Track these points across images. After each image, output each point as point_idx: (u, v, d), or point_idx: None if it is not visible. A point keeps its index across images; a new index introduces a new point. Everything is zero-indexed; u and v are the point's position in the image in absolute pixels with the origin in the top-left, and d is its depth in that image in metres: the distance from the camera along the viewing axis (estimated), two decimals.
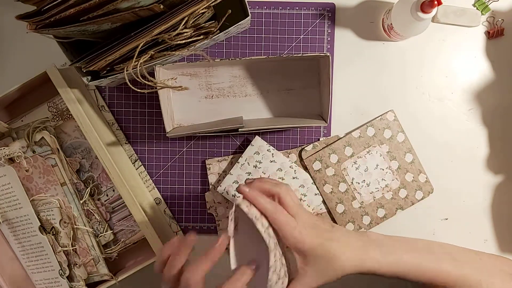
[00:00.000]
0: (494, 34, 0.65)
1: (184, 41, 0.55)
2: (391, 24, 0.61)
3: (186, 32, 0.54)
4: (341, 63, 0.67)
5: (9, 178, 0.61)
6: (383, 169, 0.66)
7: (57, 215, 0.61)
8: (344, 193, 0.66)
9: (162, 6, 0.52)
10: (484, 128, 0.67)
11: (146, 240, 0.60)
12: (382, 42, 0.67)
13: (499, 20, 0.65)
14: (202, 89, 0.66)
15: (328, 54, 0.58)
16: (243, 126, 0.60)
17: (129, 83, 0.54)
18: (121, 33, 0.53)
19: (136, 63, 0.53)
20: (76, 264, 0.61)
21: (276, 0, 0.66)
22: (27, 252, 0.62)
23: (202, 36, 0.57)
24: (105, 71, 0.57)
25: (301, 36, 0.66)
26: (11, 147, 0.62)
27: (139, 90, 0.56)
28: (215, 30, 0.58)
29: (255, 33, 0.66)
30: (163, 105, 0.60)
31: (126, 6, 0.48)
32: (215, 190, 0.67)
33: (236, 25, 0.57)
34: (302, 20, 0.66)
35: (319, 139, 0.67)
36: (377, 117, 0.67)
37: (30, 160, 0.61)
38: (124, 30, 0.53)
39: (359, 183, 0.66)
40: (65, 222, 0.61)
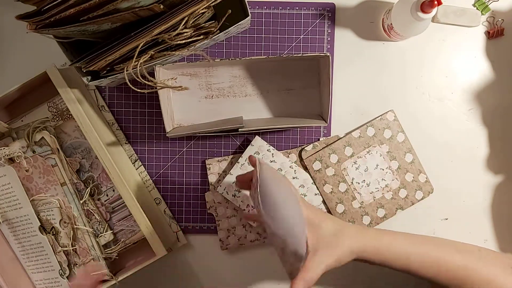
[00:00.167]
0: (494, 34, 0.65)
1: (184, 41, 0.55)
2: (391, 24, 0.61)
3: (186, 32, 0.54)
4: (341, 63, 0.67)
5: (9, 178, 0.61)
6: (383, 169, 0.66)
7: (57, 215, 0.61)
8: (344, 193, 0.66)
9: (162, 6, 0.52)
10: (484, 128, 0.67)
11: (146, 240, 0.60)
12: (382, 42, 0.67)
13: (499, 20, 0.65)
14: (202, 89, 0.66)
15: (328, 54, 0.58)
16: (243, 126, 0.60)
17: (129, 83, 0.54)
18: (121, 33, 0.53)
19: (136, 63, 0.53)
20: (76, 264, 0.61)
21: (276, 0, 0.66)
22: (27, 252, 0.62)
23: (202, 36, 0.57)
24: (105, 71, 0.57)
25: (301, 36, 0.66)
26: (11, 147, 0.62)
27: (139, 90, 0.56)
28: (215, 30, 0.58)
29: (255, 33, 0.66)
30: (163, 105, 0.60)
31: (126, 6, 0.48)
32: (215, 190, 0.67)
33: (236, 25, 0.57)
34: (302, 20, 0.66)
35: (319, 139, 0.67)
36: (377, 117, 0.67)
37: (30, 160, 0.61)
38: (124, 30, 0.53)
39: (359, 183, 0.66)
40: (65, 222, 0.61)
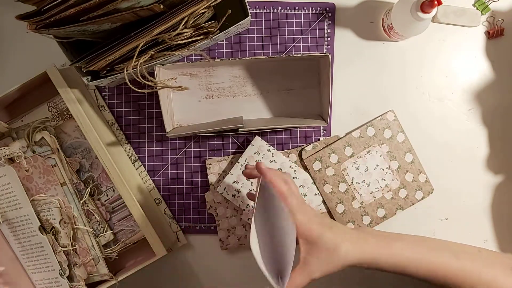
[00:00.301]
0: (494, 34, 0.65)
1: (184, 41, 0.55)
2: (391, 24, 0.61)
3: (186, 32, 0.54)
4: (341, 63, 0.67)
5: (9, 178, 0.61)
6: (383, 169, 0.66)
7: (57, 215, 0.61)
8: (344, 193, 0.66)
9: (162, 6, 0.52)
10: (484, 128, 0.67)
11: (146, 240, 0.60)
12: (382, 42, 0.67)
13: (499, 20, 0.65)
14: (202, 89, 0.66)
15: (328, 54, 0.58)
16: (243, 126, 0.60)
17: (129, 83, 0.54)
18: (121, 33, 0.53)
19: (136, 63, 0.53)
20: (76, 264, 0.61)
21: (276, 0, 0.66)
22: (27, 252, 0.62)
23: (202, 36, 0.57)
24: (105, 71, 0.57)
25: (301, 36, 0.66)
26: (11, 147, 0.62)
27: (139, 90, 0.56)
28: (215, 30, 0.58)
29: (255, 33, 0.66)
30: (163, 105, 0.60)
31: (126, 6, 0.48)
32: (215, 190, 0.67)
33: (236, 25, 0.57)
34: (302, 20, 0.66)
35: (319, 139, 0.67)
36: (377, 117, 0.67)
37: (30, 160, 0.61)
38: (124, 30, 0.53)
39: (359, 183, 0.66)
40: (65, 222, 0.61)
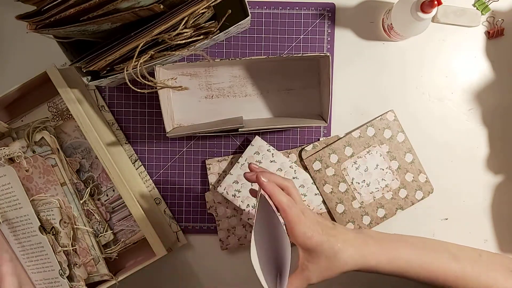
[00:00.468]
0: (494, 34, 0.65)
1: (184, 41, 0.55)
2: (391, 24, 0.61)
3: (186, 32, 0.54)
4: (341, 63, 0.67)
5: (9, 178, 0.61)
6: (383, 169, 0.66)
7: (57, 215, 0.61)
8: (344, 193, 0.66)
9: (162, 6, 0.52)
10: (484, 128, 0.67)
11: (146, 240, 0.60)
12: (382, 42, 0.67)
13: (499, 20, 0.65)
14: (202, 89, 0.66)
15: (328, 54, 0.58)
16: (243, 126, 0.60)
17: (129, 83, 0.54)
18: (121, 33, 0.53)
19: (136, 63, 0.53)
20: (76, 264, 0.61)
21: (276, 0, 0.66)
22: (27, 252, 0.62)
23: (202, 36, 0.57)
24: (105, 71, 0.57)
25: (301, 36, 0.66)
26: (11, 147, 0.62)
27: (139, 90, 0.56)
28: (215, 30, 0.58)
29: (255, 33, 0.66)
30: (163, 105, 0.60)
31: (126, 6, 0.48)
32: (215, 190, 0.67)
33: (236, 25, 0.57)
34: (302, 20, 0.66)
35: (319, 139, 0.67)
36: (377, 117, 0.67)
37: (30, 160, 0.61)
38: (124, 30, 0.53)
39: (359, 183, 0.66)
40: (65, 222, 0.61)
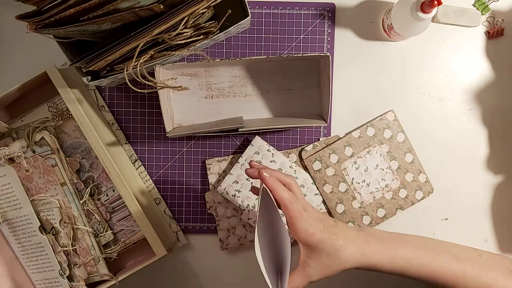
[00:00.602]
0: (494, 34, 0.65)
1: (184, 41, 0.55)
2: (391, 24, 0.61)
3: (186, 32, 0.54)
4: (341, 63, 0.67)
5: (9, 178, 0.61)
6: (383, 169, 0.66)
7: (57, 215, 0.61)
8: (344, 193, 0.66)
9: (162, 6, 0.52)
10: (484, 128, 0.67)
11: (146, 240, 0.60)
12: (382, 42, 0.67)
13: (499, 20, 0.65)
14: (202, 89, 0.66)
15: (328, 54, 0.58)
16: (243, 126, 0.60)
17: (129, 83, 0.54)
18: (121, 33, 0.53)
19: (136, 63, 0.53)
20: (76, 264, 0.61)
21: (276, 0, 0.66)
22: (27, 252, 0.62)
23: (202, 36, 0.57)
24: (105, 71, 0.57)
25: (301, 36, 0.66)
26: (11, 147, 0.62)
27: (139, 90, 0.56)
28: (215, 30, 0.58)
29: (255, 33, 0.66)
30: (163, 105, 0.60)
31: (126, 6, 0.48)
32: (215, 190, 0.67)
33: (236, 25, 0.57)
34: (302, 20, 0.66)
35: (319, 139, 0.67)
36: (377, 117, 0.67)
37: (30, 160, 0.61)
38: (124, 30, 0.53)
39: (359, 183, 0.66)
40: (65, 222, 0.61)
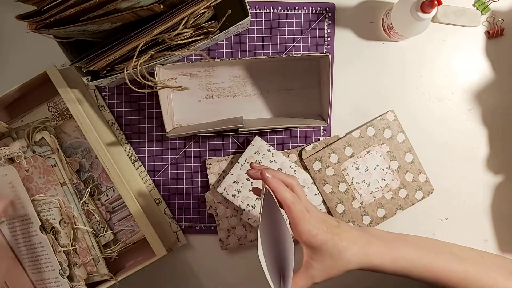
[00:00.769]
0: (494, 34, 0.65)
1: (184, 41, 0.55)
2: (391, 24, 0.61)
3: (186, 32, 0.54)
4: (341, 63, 0.67)
5: (10, 178, 0.61)
6: (383, 169, 0.66)
7: (57, 215, 0.61)
8: (344, 193, 0.66)
9: (162, 6, 0.52)
10: (484, 128, 0.67)
11: (146, 240, 0.60)
12: (382, 42, 0.67)
13: (499, 20, 0.65)
14: (202, 89, 0.66)
15: (328, 54, 0.58)
16: (243, 126, 0.60)
17: (129, 83, 0.54)
18: (121, 33, 0.53)
19: (136, 63, 0.53)
20: (76, 264, 0.61)
21: (276, 0, 0.66)
22: (27, 252, 0.62)
23: (202, 36, 0.57)
24: (105, 71, 0.57)
25: (301, 36, 0.66)
26: (11, 147, 0.62)
27: (139, 90, 0.56)
28: (215, 30, 0.58)
29: (255, 33, 0.66)
30: (163, 105, 0.60)
31: (126, 6, 0.48)
32: (215, 190, 0.67)
33: (236, 25, 0.57)
34: (302, 20, 0.66)
35: (319, 139, 0.67)
36: (377, 117, 0.67)
37: (30, 160, 0.61)
38: (124, 30, 0.53)
39: (359, 183, 0.66)
40: (65, 222, 0.61)
